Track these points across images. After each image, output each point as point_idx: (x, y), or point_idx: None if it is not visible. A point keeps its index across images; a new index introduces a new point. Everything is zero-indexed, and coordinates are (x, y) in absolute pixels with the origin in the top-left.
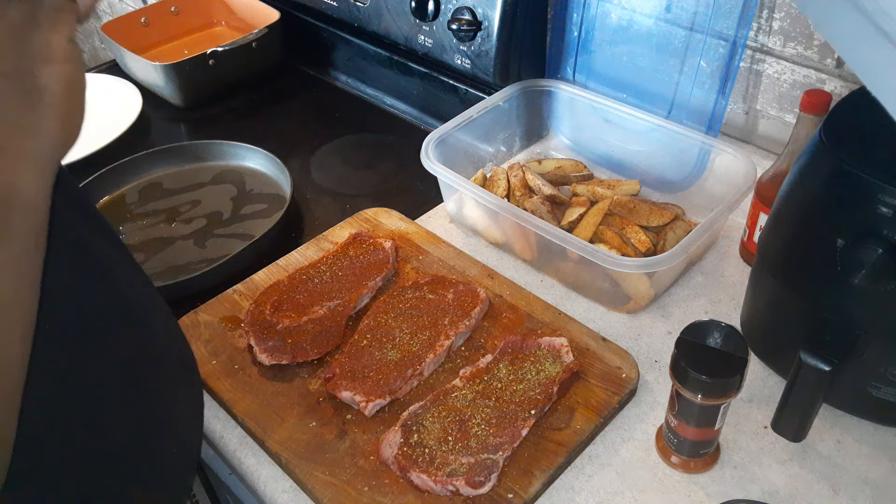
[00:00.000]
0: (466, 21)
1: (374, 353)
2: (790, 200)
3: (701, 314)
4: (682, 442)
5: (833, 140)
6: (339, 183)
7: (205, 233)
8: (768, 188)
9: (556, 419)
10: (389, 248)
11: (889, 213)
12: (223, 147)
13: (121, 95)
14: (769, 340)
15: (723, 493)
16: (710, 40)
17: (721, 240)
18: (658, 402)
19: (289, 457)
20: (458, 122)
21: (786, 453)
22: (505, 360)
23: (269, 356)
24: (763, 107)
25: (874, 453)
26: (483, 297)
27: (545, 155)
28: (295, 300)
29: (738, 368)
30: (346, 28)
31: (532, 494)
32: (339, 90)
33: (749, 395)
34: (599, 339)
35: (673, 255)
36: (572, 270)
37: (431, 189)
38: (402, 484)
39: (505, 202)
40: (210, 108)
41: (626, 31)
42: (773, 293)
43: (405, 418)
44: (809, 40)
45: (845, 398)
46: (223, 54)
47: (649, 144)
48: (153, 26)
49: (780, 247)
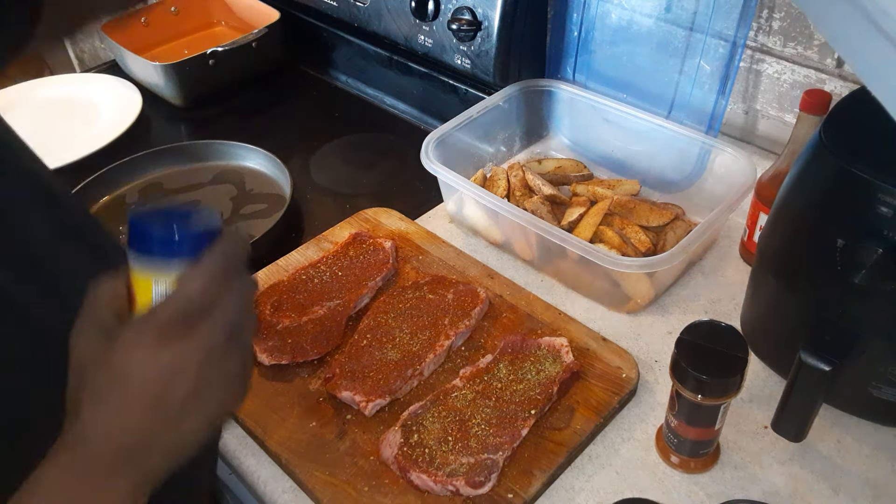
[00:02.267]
0: (466, 21)
1: (374, 353)
2: (790, 200)
3: (701, 314)
4: (682, 442)
5: (833, 140)
6: (339, 183)
7: None
8: (768, 188)
9: (556, 419)
10: (389, 248)
11: (889, 213)
12: (223, 147)
13: (121, 95)
14: (769, 340)
15: (723, 493)
16: (710, 40)
17: (721, 240)
18: (658, 402)
19: (289, 457)
20: (458, 122)
21: (786, 453)
22: (505, 360)
23: (269, 356)
24: (763, 107)
25: (874, 453)
26: (483, 297)
27: (545, 155)
28: (295, 300)
29: (738, 368)
30: (346, 28)
31: (532, 494)
32: (339, 90)
33: (749, 395)
34: (599, 339)
35: (673, 255)
36: (572, 270)
37: (431, 189)
38: (402, 484)
39: (505, 202)
40: (210, 108)
41: (626, 31)
42: (773, 293)
43: (405, 418)
44: (809, 40)
45: (845, 398)
46: (223, 54)
47: (649, 144)
48: (153, 26)
49: (780, 247)
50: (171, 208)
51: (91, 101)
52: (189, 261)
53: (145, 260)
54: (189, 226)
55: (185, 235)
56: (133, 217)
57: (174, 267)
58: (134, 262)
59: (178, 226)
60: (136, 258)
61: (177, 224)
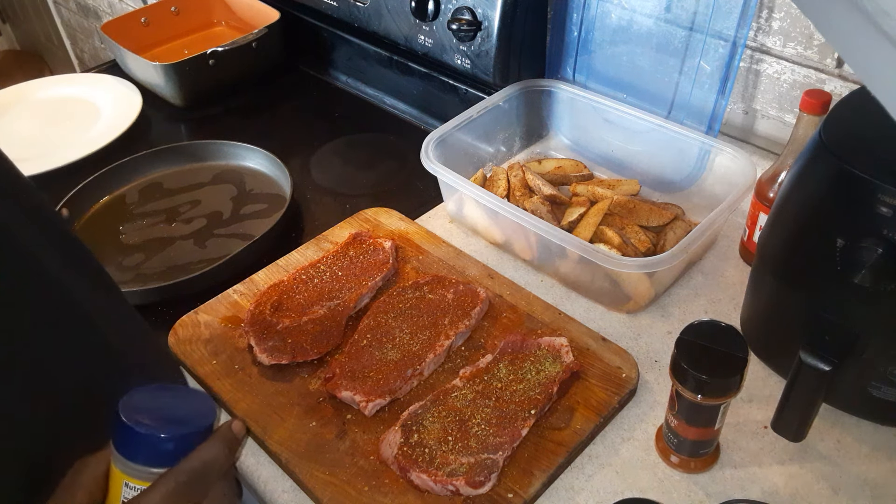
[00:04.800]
0: (466, 21)
1: (374, 353)
2: (790, 200)
3: (701, 314)
4: (682, 442)
5: (833, 140)
6: (339, 183)
7: (205, 233)
8: (768, 188)
9: (556, 419)
10: (389, 248)
11: (889, 213)
12: (223, 147)
13: (121, 95)
14: (769, 340)
15: (723, 493)
16: (710, 40)
17: (721, 240)
18: (658, 402)
19: (289, 457)
20: (458, 122)
21: (786, 453)
22: (505, 359)
23: (269, 356)
24: (763, 107)
25: (874, 453)
26: (483, 297)
27: (545, 155)
28: (295, 300)
29: (738, 368)
30: (346, 28)
31: (532, 494)
32: (339, 90)
33: (749, 395)
34: (599, 339)
35: (673, 255)
36: (572, 270)
37: (431, 189)
38: (402, 484)
39: (505, 202)
40: (210, 108)
41: (626, 31)
42: (773, 293)
43: (405, 418)
44: (809, 40)
45: (845, 398)
46: (223, 54)
47: (649, 144)
48: (153, 26)
49: (780, 247)
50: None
51: (91, 101)
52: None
53: (121, 459)
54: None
55: (168, 443)
56: (120, 411)
57: (147, 476)
58: (115, 460)
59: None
60: (114, 454)
61: (160, 432)
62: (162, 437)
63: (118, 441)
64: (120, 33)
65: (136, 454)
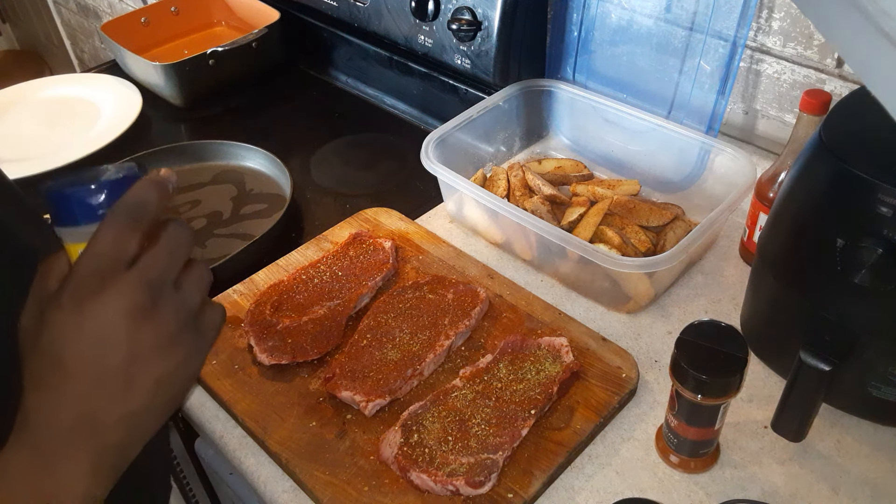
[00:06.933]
0: (466, 21)
1: (374, 353)
2: (790, 200)
3: (701, 314)
4: (682, 442)
5: (833, 140)
6: (339, 183)
7: (205, 233)
8: (768, 188)
9: (556, 419)
10: (389, 248)
11: (889, 213)
12: (223, 147)
13: (121, 95)
14: (769, 340)
15: (723, 493)
16: (710, 40)
17: (721, 240)
18: (658, 402)
19: (289, 457)
20: (458, 122)
21: (786, 453)
22: (505, 359)
23: (269, 356)
24: (763, 107)
25: (874, 453)
26: (483, 297)
27: (545, 155)
28: (295, 300)
29: (738, 368)
30: (346, 28)
31: (532, 494)
32: (339, 90)
33: (749, 395)
34: (599, 339)
35: (673, 255)
36: (572, 270)
37: (431, 189)
38: (402, 484)
39: (505, 202)
40: (210, 108)
41: (626, 31)
42: (773, 293)
43: (405, 418)
44: (809, 40)
45: (845, 398)
46: (223, 54)
47: (649, 144)
48: (153, 26)
49: (780, 247)
50: (83, 172)
51: (91, 101)
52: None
53: (71, 231)
54: (103, 182)
55: (99, 193)
56: (48, 192)
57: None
58: (64, 236)
59: (92, 186)
60: (64, 232)
61: (91, 184)
62: (91, 188)
63: (58, 217)
64: (120, 33)
65: (76, 217)
